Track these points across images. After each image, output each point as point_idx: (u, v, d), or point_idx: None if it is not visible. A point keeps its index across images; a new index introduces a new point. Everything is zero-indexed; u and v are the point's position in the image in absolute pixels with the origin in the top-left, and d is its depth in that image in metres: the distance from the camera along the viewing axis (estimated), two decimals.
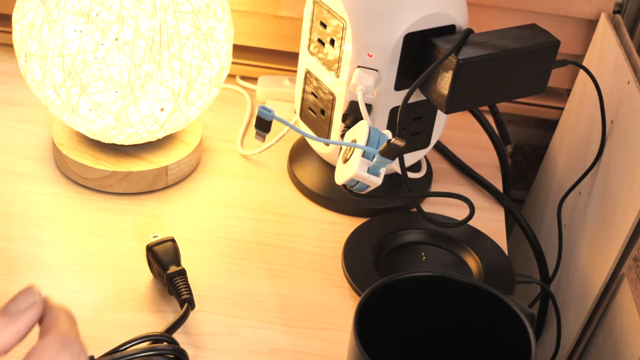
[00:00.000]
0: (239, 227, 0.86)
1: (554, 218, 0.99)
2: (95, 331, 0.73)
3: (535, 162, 1.15)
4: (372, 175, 0.72)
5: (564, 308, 0.91)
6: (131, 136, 0.85)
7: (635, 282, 0.78)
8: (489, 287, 0.63)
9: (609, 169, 0.87)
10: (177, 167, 0.89)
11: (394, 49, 0.79)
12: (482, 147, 1.01)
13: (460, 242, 0.84)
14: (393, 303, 0.64)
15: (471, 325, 0.65)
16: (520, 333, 0.59)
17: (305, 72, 0.88)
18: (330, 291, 0.80)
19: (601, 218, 0.86)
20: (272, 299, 0.78)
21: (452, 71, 0.76)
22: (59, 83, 0.80)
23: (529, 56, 0.79)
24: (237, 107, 1.04)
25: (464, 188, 0.95)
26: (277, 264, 0.82)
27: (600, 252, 0.84)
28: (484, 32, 0.80)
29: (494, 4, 1.01)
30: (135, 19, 0.77)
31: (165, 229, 0.85)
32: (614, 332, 0.81)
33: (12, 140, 0.94)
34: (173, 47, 0.79)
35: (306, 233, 0.86)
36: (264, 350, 0.73)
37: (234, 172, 0.94)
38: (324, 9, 0.82)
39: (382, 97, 0.82)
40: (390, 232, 0.84)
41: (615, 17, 0.99)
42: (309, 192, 0.91)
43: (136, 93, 0.80)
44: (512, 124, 1.12)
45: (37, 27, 0.79)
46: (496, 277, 0.80)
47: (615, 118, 0.88)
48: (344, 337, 0.74)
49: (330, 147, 0.88)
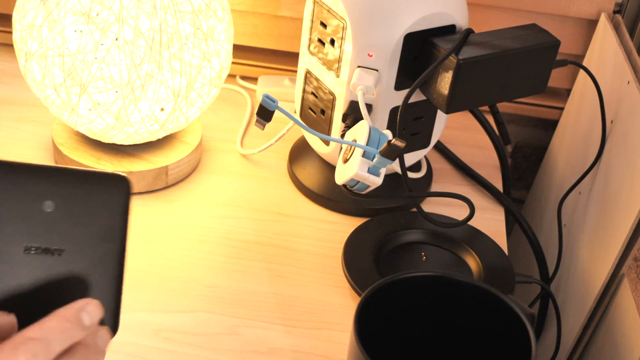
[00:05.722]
0: (239, 227, 0.86)
1: (554, 218, 0.99)
2: None
3: (535, 162, 1.15)
4: (373, 175, 0.72)
5: (564, 308, 0.91)
6: (131, 136, 0.85)
7: (635, 282, 0.78)
8: (489, 287, 0.63)
9: (609, 169, 0.87)
10: (177, 167, 0.89)
11: (394, 49, 0.79)
12: (482, 147, 1.01)
13: (460, 242, 0.84)
14: (393, 303, 0.64)
15: (471, 325, 0.65)
16: (520, 333, 0.59)
17: (306, 72, 0.88)
18: (330, 291, 0.80)
19: (601, 218, 0.86)
20: (272, 299, 0.78)
21: (452, 71, 0.76)
22: (59, 83, 0.80)
23: (529, 56, 0.79)
24: (237, 107, 1.04)
25: (464, 188, 0.95)
26: (277, 264, 0.82)
27: (600, 252, 0.84)
28: (484, 32, 0.80)
29: (494, 4, 1.01)
30: (135, 18, 0.77)
31: (165, 229, 0.85)
32: (614, 332, 0.81)
33: (12, 140, 0.94)
34: (173, 47, 0.79)
35: (306, 233, 0.86)
36: (264, 350, 0.73)
37: (234, 172, 0.94)
38: (324, 8, 0.82)
39: (382, 97, 0.82)
40: (390, 232, 0.84)
41: (615, 17, 0.99)
42: (309, 192, 0.91)
43: (136, 93, 0.80)
44: (512, 124, 1.12)
45: (37, 27, 0.79)
46: (496, 277, 0.80)
47: (615, 118, 0.88)
48: (344, 337, 0.74)
49: (331, 147, 0.88)
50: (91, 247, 0.49)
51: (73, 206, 0.48)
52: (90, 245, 0.49)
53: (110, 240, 0.49)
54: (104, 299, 0.49)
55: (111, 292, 0.49)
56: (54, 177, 0.48)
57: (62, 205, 0.48)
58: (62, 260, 0.48)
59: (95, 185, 0.48)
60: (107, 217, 0.49)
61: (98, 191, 0.49)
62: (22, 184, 0.48)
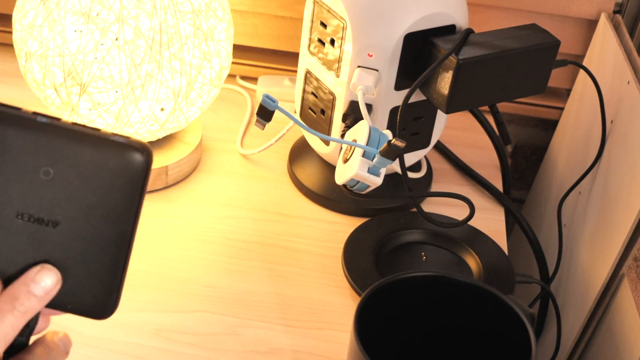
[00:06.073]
0: (239, 227, 0.86)
1: (554, 218, 0.99)
2: (96, 331, 0.73)
3: (535, 162, 1.15)
4: (373, 175, 0.72)
5: (564, 308, 0.91)
6: (131, 136, 0.85)
7: (635, 282, 0.78)
8: (489, 287, 0.63)
9: (609, 169, 0.87)
10: (177, 167, 0.89)
11: (394, 49, 0.79)
12: (482, 147, 1.01)
13: (460, 242, 0.84)
14: (393, 303, 0.64)
15: (471, 325, 0.65)
16: (520, 333, 0.59)
17: (306, 72, 0.88)
18: (330, 291, 0.80)
19: (601, 218, 0.86)
20: (272, 299, 0.78)
21: (452, 71, 0.76)
22: (59, 83, 0.80)
23: (529, 56, 0.79)
24: (237, 107, 1.04)
25: (464, 188, 0.95)
26: (277, 264, 0.82)
27: (600, 252, 0.84)
28: (484, 32, 0.80)
29: (494, 4, 1.01)
30: (135, 18, 0.77)
31: (165, 229, 0.85)
32: (614, 332, 0.81)
33: None
34: (173, 46, 0.79)
35: (306, 233, 0.86)
36: (264, 350, 0.73)
37: (234, 172, 0.94)
38: (324, 8, 0.82)
39: (382, 97, 0.82)
40: (390, 232, 0.84)
41: (615, 17, 0.99)
42: (309, 192, 0.91)
43: (136, 93, 0.80)
44: (512, 124, 1.12)
45: (37, 26, 0.79)
46: (496, 277, 0.80)
47: (615, 118, 0.88)
48: (344, 337, 0.74)
49: (331, 147, 0.88)
50: (92, 224, 0.44)
51: (75, 176, 0.43)
52: (91, 222, 0.44)
53: (116, 221, 0.44)
54: (101, 281, 0.45)
55: (109, 275, 0.45)
56: (56, 139, 0.43)
57: (63, 173, 0.43)
58: (56, 233, 0.44)
59: (106, 154, 0.43)
60: (117, 194, 0.43)
61: (109, 162, 0.43)
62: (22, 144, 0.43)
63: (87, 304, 0.47)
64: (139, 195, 0.44)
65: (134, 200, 0.44)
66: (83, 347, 0.71)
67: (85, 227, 0.44)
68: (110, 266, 0.45)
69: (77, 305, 0.47)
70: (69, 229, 0.44)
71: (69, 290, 0.46)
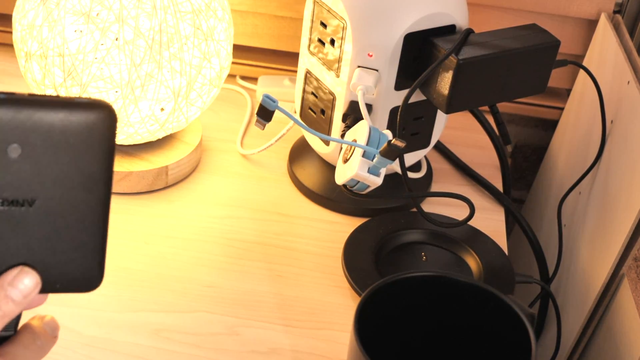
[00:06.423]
0: (239, 227, 0.86)
1: (554, 218, 0.99)
2: (96, 331, 0.73)
3: (535, 162, 1.15)
4: (373, 175, 0.72)
5: (564, 308, 0.91)
6: (131, 136, 0.85)
7: (635, 282, 0.78)
8: (489, 287, 0.63)
9: (609, 169, 0.87)
10: (177, 167, 0.89)
11: (394, 49, 0.79)
12: (482, 147, 1.01)
13: (460, 242, 0.84)
14: (393, 303, 0.64)
15: (471, 325, 0.65)
16: (520, 333, 0.59)
17: (306, 72, 0.88)
18: (330, 291, 0.80)
19: (601, 218, 0.86)
20: (272, 299, 0.78)
21: (452, 71, 0.76)
22: (59, 83, 0.80)
23: (529, 56, 0.79)
24: (237, 107, 1.04)
25: (464, 188, 0.95)
26: (277, 264, 0.82)
27: (600, 252, 0.84)
28: (484, 32, 0.80)
29: (494, 4, 1.01)
30: (135, 18, 0.77)
31: (165, 229, 0.85)
32: (614, 332, 0.81)
33: None
34: (173, 47, 0.79)
35: (306, 233, 0.86)
36: (264, 350, 0.73)
37: (234, 172, 0.94)
38: (324, 8, 0.82)
39: (382, 97, 0.82)
40: (390, 232, 0.84)
41: (615, 17, 0.99)
42: (309, 192, 0.91)
43: (136, 93, 0.80)
44: (512, 124, 1.12)
45: (37, 27, 0.79)
46: (496, 277, 0.80)
47: (615, 118, 0.88)
48: (344, 337, 0.74)
49: (331, 147, 0.88)
50: (68, 195, 0.43)
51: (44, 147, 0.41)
52: (67, 192, 0.43)
53: (91, 185, 0.43)
54: (85, 251, 0.44)
55: (93, 244, 0.44)
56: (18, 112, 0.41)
57: (32, 147, 0.41)
58: (34, 212, 0.43)
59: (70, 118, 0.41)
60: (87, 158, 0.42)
61: (74, 126, 0.42)
62: None
63: (76, 278, 0.45)
64: (109, 154, 0.43)
65: (105, 160, 0.43)
66: (83, 347, 0.71)
67: (62, 199, 0.43)
68: (92, 234, 0.44)
69: (66, 282, 0.45)
70: (46, 205, 0.43)
71: (54, 268, 0.44)
